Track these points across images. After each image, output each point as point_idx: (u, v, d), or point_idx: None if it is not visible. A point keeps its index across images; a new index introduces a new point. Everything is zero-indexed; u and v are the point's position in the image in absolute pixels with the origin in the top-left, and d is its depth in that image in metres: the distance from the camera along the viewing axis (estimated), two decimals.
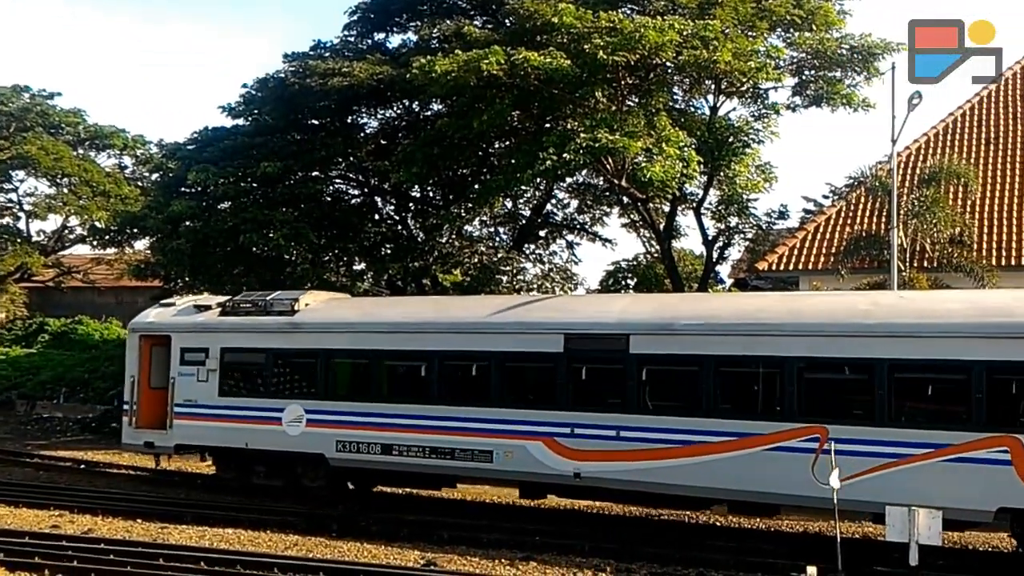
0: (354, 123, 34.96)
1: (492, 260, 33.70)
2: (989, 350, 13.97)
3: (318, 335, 19.66)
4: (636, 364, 16.39)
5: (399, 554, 15.57)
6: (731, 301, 18.55)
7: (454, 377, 18.31)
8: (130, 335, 22.12)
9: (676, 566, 14.70)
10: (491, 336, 17.82)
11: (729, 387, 16.06)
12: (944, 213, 23.60)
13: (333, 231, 33.04)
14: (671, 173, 25.59)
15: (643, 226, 35.64)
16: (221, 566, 14.09)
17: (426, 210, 35.14)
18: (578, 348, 17.03)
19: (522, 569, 14.60)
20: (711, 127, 29.15)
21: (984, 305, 15.23)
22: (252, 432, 19.86)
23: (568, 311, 18.37)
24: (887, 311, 15.37)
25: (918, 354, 14.49)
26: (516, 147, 28.37)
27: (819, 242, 26.92)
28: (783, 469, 14.80)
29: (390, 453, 18.36)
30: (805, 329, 15.43)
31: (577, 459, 16.65)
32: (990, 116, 28.73)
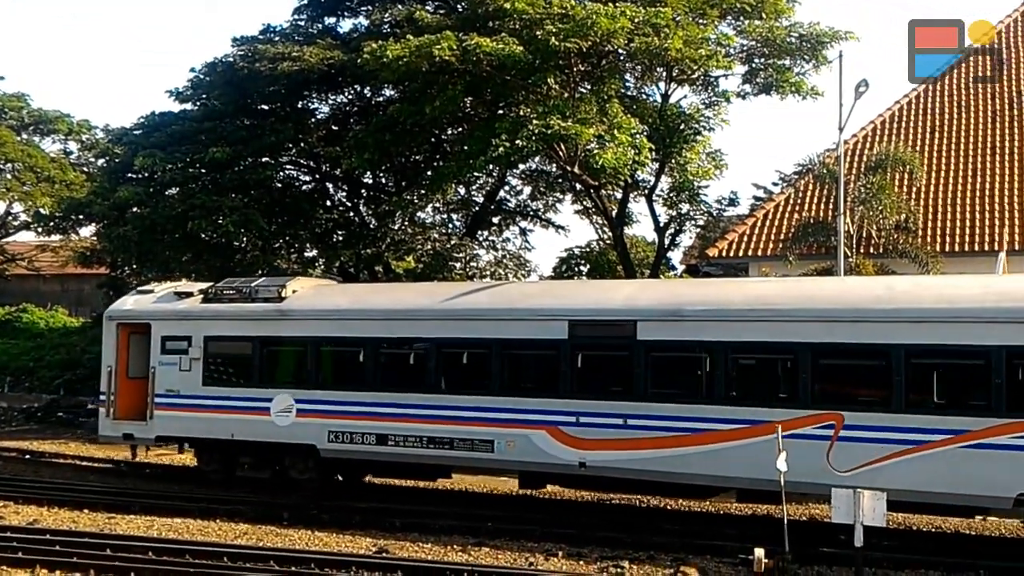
0: (305, 108, 34.61)
1: (445, 247, 33.63)
2: (1009, 335, 13.75)
3: (308, 322, 19.03)
4: (644, 351, 16.04)
5: (351, 541, 15.52)
6: (741, 287, 18.04)
7: (453, 365, 17.80)
8: (107, 323, 21.28)
9: (627, 550, 14.82)
10: (492, 323, 17.33)
11: (741, 374, 15.76)
12: (890, 200, 23.95)
13: (284, 217, 32.72)
14: (623, 160, 25.71)
15: (596, 213, 35.77)
16: (169, 555, 13.94)
17: (378, 196, 34.95)
18: (583, 335, 16.61)
19: (474, 555, 14.63)
20: (663, 114, 29.32)
21: (1001, 289, 14.86)
22: (238, 423, 19.21)
23: (572, 297, 17.94)
24: (903, 296, 15.12)
25: (936, 339, 14.24)
26: (469, 133, 28.34)
27: (768, 229, 27.20)
28: (797, 456, 14.32)
29: (385, 443, 17.82)
30: (819, 315, 15.11)
31: (582, 448, 16.27)
32: (935, 104, 29.17)
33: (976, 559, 13.97)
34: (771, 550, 13.38)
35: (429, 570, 13.24)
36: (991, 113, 28.13)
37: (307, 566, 13.39)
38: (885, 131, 28.84)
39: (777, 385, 15.55)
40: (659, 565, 14.01)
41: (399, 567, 13.35)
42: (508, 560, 14.28)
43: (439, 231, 36.89)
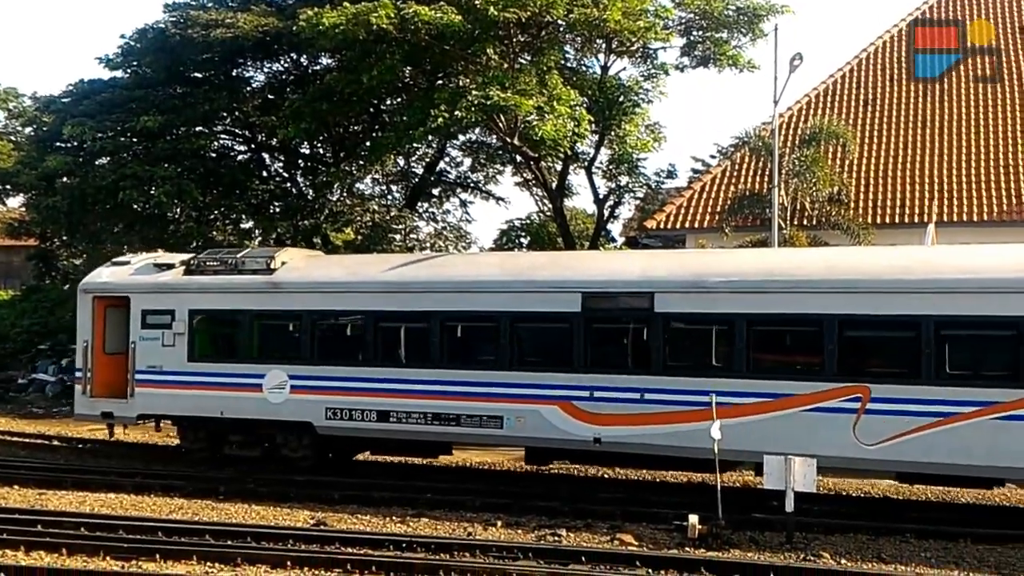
0: (239, 76, 34.04)
1: (384, 219, 33.40)
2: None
3: (302, 295, 18.24)
4: (662, 323, 15.65)
5: (288, 515, 15.43)
6: (763, 257, 17.57)
7: (459, 339, 17.22)
8: (81, 296, 20.24)
9: (564, 518, 14.98)
10: (500, 295, 16.77)
11: (764, 346, 15.38)
12: (823, 172, 24.37)
13: (219, 188, 32.23)
14: (563, 132, 25.74)
15: (536, 185, 35.83)
16: (103, 531, 13.71)
17: (316, 167, 34.55)
18: (597, 307, 16.14)
19: (413, 526, 14.66)
20: (602, 86, 29.40)
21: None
22: (228, 400, 18.40)
23: (585, 268, 17.21)
24: (931, 266, 14.86)
25: (965, 310, 13.99)
26: (407, 104, 28.14)
27: (705, 201, 27.52)
28: (823, 430, 14.32)
29: (387, 420, 17.24)
30: (846, 285, 14.75)
31: (597, 423, 15.86)
32: (868, 78, 29.71)
33: (903, 522, 14.38)
34: (705, 516, 13.62)
35: (367, 541, 13.21)
36: (921, 87, 28.70)
37: (243, 540, 13.27)
38: (819, 104, 29.30)
39: (801, 358, 15.31)
40: (596, 532, 14.16)
41: (337, 539, 13.31)
42: (447, 530, 14.33)
43: (378, 203, 36.60)
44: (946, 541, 13.52)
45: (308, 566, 12.14)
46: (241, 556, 12.44)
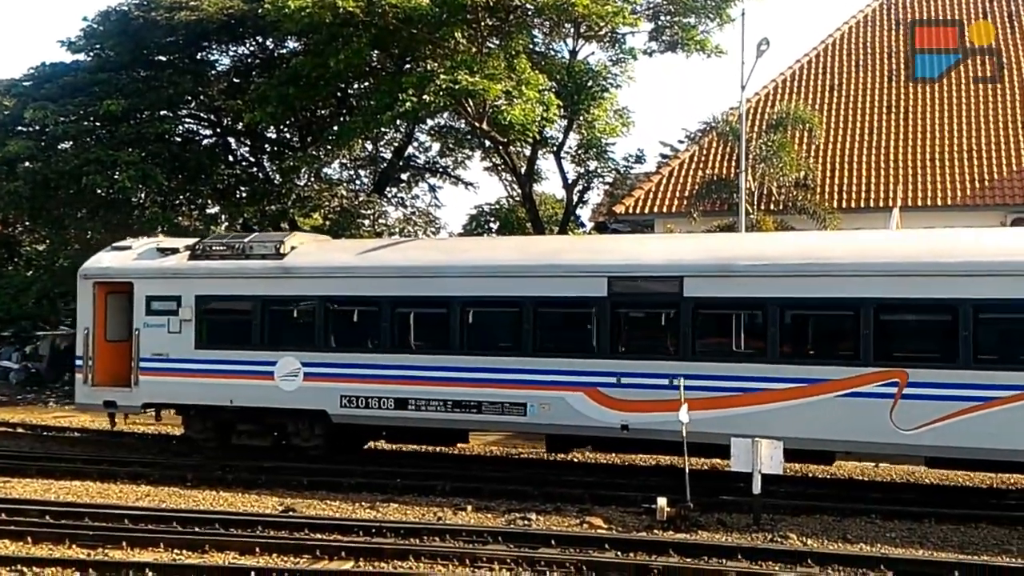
0: (204, 60, 33.69)
1: (353, 204, 33.24)
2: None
3: (315, 280, 17.72)
4: (691, 308, 15.34)
5: (257, 501, 15.37)
6: (796, 240, 17.15)
7: (480, 325, 16.84)
8: (81, 282, 19.52)
9: (534, 502, 15.03)
10: (523, 280, 16.40)
11: (797, 331, 15.19)
12: (790, 157, 24.53)
13: (184, 173, 31.90)
14: (531, 116, 25.71)
15: (504, 170, 35.78)
16: (68, 519, 13.58)
17: (282, 152, 34.27)
18: (624, 292, 15.80)
19: (383, 511, 14.63)
20: (570, 71, 29.34)
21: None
22: (237, 388, 17.87)
23: (611, 252, 16.82)
24: (968, 250, 14.53)
25: (1004, 293, 13.77)
26: (375, 88, 27.95)
27: (674, 186, 27.59)
28: (858, 416, 14.15)
29: (405, 408, 16.81)
30: (882, 269, 14.50)
31: (624, 410, 15.54)
32: (834, 64, 29.88)
33: (868, 503, 14.55)
34: (674, 499, 13.72)
35: (336, 527, 13.18)
36: (887, 73, 28.94)
37: (211, 526, 13.20)
38: (786, 90, 29.43)
39: (836, 342, 15.05)
40: (565, 515, 14.22)
41: (305, 525, 13.27)
42: (416, 515, 14.33)
43: (346, 188, 36.41)
44: (911, 521, 13.70)
45: (276, 552, 12.10)
46: (209, 543, 12.37)
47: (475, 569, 11.43)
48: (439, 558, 11.78)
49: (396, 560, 11.75)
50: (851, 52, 30.07)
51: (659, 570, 11.16)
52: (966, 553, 12.22)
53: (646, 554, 11.94)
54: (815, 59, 30.25)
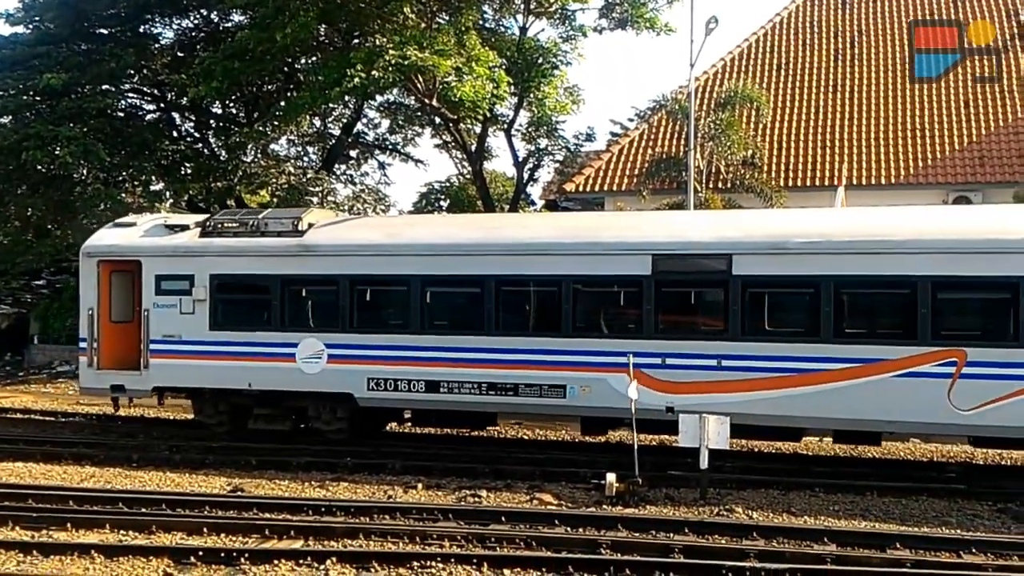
0: (147, 33, 33.00)
1: (301, 180, 32.86)
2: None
3: (339, 259, 17.02)
4: (740, 286, 14.89)
5: (205, 481, 15.23)
6: (849, 216, 16.56)
7: (516, 304, 16.37)
8: (84, 260, 18.63)
9: (486, 479, 15.08)
10: (562, 258, 15.84)
11: (851, 310, 14.78)
12: (737, 136, 24.75)
13: (127, 149, 31.21)
14: (481, 93, 25.58)
15: (455, 147, 35.63)
16: (11, 500, 13.33)
17: (229, 127, 33.72)
18: (669, 269, 15.32)
19: (332, 490, 14.58)
20: (521, 48, 29.24)
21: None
22: (256, 370, 17.23)
23: (655, 229, 16.24)
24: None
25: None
26: (323, 63, 27.54)
27: (623, 164, 27.71)
28: (916, 396, 13.92)
29: (437, 391, 16.26)
30: (941, 246, 14.14)
31: (670, 392, 15.09)
32: (781, 43, 30.17)
33: (813, 477, 14.83)
34: (622, 474, 13.86)
35: (285, 506, 13.12)
36: (833, 52, 29.28)
37: (158, 507, 13.06)
38: (734, 68, 29.67)
39: (893, 321, 14.72)
40: (516, 492, 14.28)
41: (254, 505, 13.19)
42: (367, 494, 14.30)
43: (294, 164, 35.97)
44: (853, 494, 13.98)
45: (225, 532, 12.00)
46: (156, 524, 12.25)
47: (426, 546, 11.45)
48: (389, 536, 11.78)
49: (346, 538, 11.73)
50: (798, 31, 30.39)
51: (608, 545, 11.27)
52: (907, 525, 12.51)
53: (595, 529, 12.06)
54: (762, 38, 30.52)
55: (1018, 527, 12.50)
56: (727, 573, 10.32)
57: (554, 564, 10.67)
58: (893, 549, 11.25)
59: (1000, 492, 13.97)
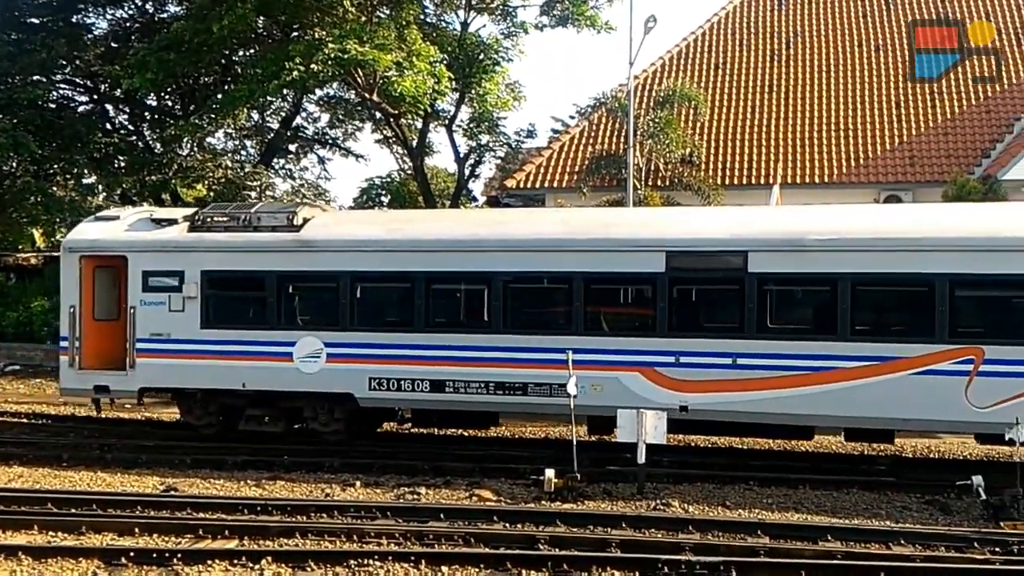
0: (80, 23, 32.30)
1: (238, 175, 32.41)
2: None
3: (338, 255, 16.46)
4: (756, 284, 14.71)
5: (137, 481, 14.95)
6: (866, 214, 16.31)
7: (525, 302, 16.06)
8: (66, 255, 17.76)
9: (425, 476, 15.03)
10: (572, 255, 15.50)
11: (869, 308, 14.66)
12: (676, 134, 24.99)
13: (58, 141, 30.55)
14: (422, 88, 25.52)
15: (396, 142, 35.47)
16: None
17: (164, 120, 33.17)
18: (684, 267, 15.08)
19: (269, 488, 14.40)
20: (462, 43, 29.20)
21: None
22: (251, 370, 16.60)
23: (669, 225, 16.00)
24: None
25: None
26: (261, 56, 27.22)
27: (564, 161, 27.84)
28: (932, 393, 13.84)
29: (442, 390, 15.79)
30: (959, 244, 14.04)
31: (684, 391, 14.86)
32: (719, 43, 30.55)
33: (748, 471, 15.06)
34: (561, 470, 13.90)
35: (219, 505, 12.93)
36: (769, 53, 29.72)
37: (88, 507, 12.79)
38: (673, 67, 29.98)
39: (910, 319, 14.61)
40: (455, 488, 14.26)
41: (188, 504, 12.98)
42: (304, 492, 14.16)
43: (231, 158, 35.49)
44: (787, 488, 14.19)
45: (157, 532, 11.80)
46: (86, 524, 11.98)
47: (363, 544, 11.38)
48: (326, 534, 11.67)
49: (282, 537, 11.60)
50: (735, 32, 30.80)
51: (546, 540, 11.29)
52: (838, 517, 12.75)
53: (533, 525, 12.06)
54: (700, 38, 30.88)
55: (945, 518, 12.81)
56: (663, 567, 10.41)
57: (492, 560, 10.68)
58: (824, 541, 11.46)
59: (928, 484, 14.29)
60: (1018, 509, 12.79)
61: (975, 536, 11.58)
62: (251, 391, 16.86)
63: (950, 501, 13.53)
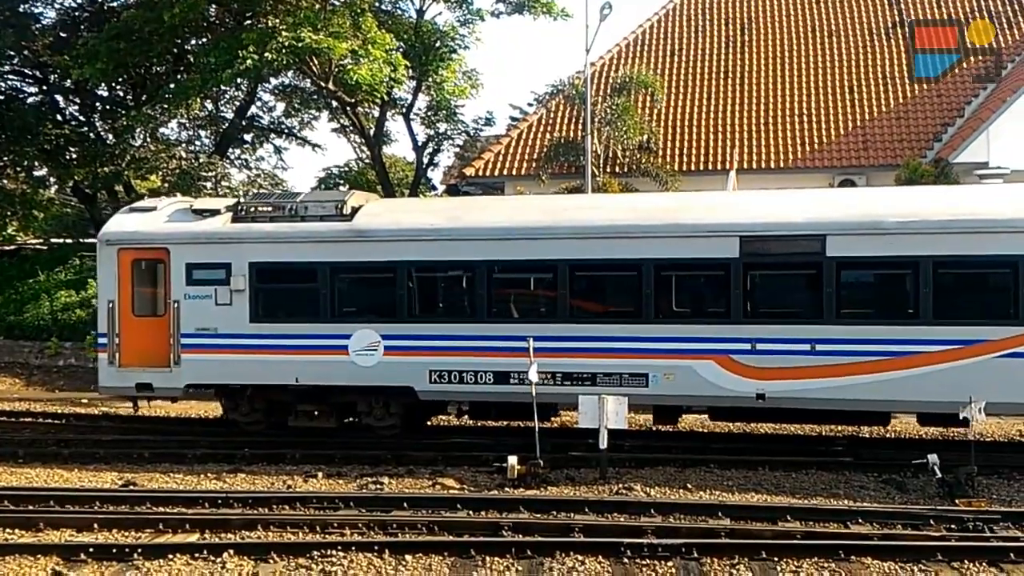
0: (27, 12, 31.60)
1: (193, 165, 31.96)
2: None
3: (394, 244, 16.02)
4: (835, 268, 14.48)
5: (95, 476, 14.79)
6: (944, 195, 15.99)
7: (592, 290, 15.89)
8: (103, 248, 17.23)
9: (388, 466, 15.00)
10: (642, 240, 15.16)
11: (951, 291, 14.39)
12: (633, 121, 25.07)
13: (7, 133, 29.94)
14: (379, 77, 25.35)
15: (353, 131, 35.21)
16: None
17: (115, 111, 32.63)
18: (759, 251, 14.83)
19: (230, 481, 14.31)
20: (418, 31, 29.04)
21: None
22: (304, 364, 16.22)
23: (742, 209, 15.62)
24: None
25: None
26: (213, 44, 26.82)
27: (523, 148, 27.83)
28: (1017, 376, 13.64)
29: (507, 382, 15.42)
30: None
31: (761, 378, 14.67)
32: (675, 29, 30.68)
33: (707, 454, 15.20)
34: (524, 457, 13.95)
35: (179, 499, 12.81)
36: (724, 39, 29.90)
37: (46, 504, 12.62)
38: (630, 54, 30.05)
39: (993, 301, 14.40)
40: (418, 477, 14.27)
41: (147, 498, 12.85)
42: (265, 484, 14.08)
43: (185, 148, 35.00)
44: (747, 469, 14.36)
45: (116, 527, 11.70)
46: (43, 521, 11.86)
47: (326, 535, 11.34)
48: (288, 526, 11.63)
49: (243, 530, 11.54)
50: (691, 18, 30.95)
51: (509, 527, 11.34)
52: (796, 497, 12.94)
53: (497, 512, 12.11)
54: (656, 24, 31.01)
55: (902, 497, 13.06)
56: (625, 550, 10.51)
57: (456, 548, 10.70)
58: (784, 521, 11.63)
59: (884, 464, 14.53)
60: (972, 486, 13.11)
61: (931, 514, 11.84)
62: (304, 386, 16.52)
63: (907, 480, 13.78)
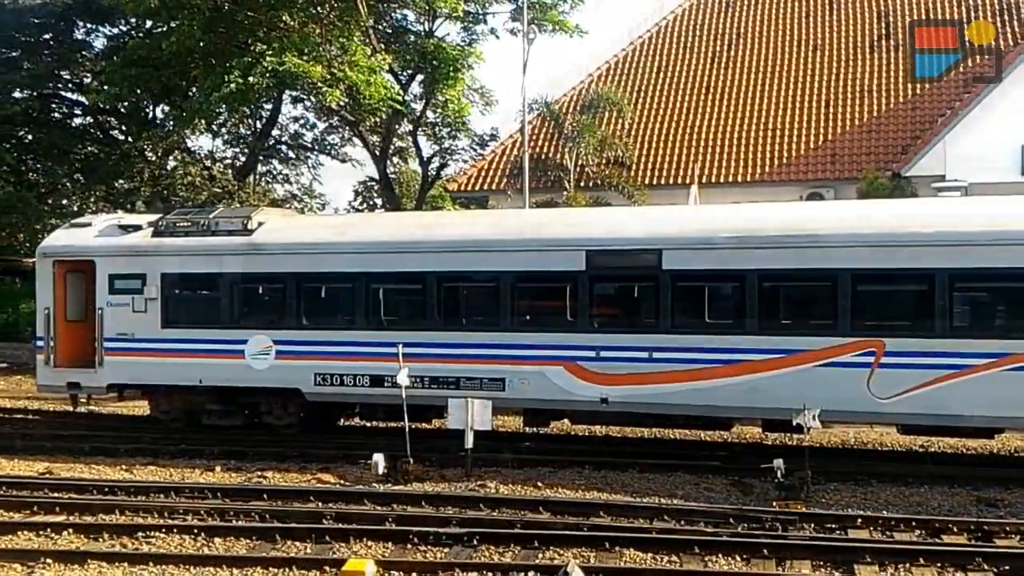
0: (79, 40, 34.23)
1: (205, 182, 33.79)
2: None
3: (286, 257, 17.37)
4: (670, 281, 15.29)
5: (28, 466, 16.16)
6: (775, 212, 16.76)
7: (457, 300, 16.79)
8: (40, 260, 19.02)
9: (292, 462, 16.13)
10: (500, 254, 16.19)
11: (775, 302, 15.08)
12: (594, 138, 25.74)
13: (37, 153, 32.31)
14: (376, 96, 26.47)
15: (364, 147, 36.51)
16: None
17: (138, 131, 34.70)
18: (603, 265, 15.68)
19: (137, 473, 15.60)
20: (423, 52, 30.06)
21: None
22: (207, 367, 17.57)
23: (588, 225, 16.59)
24: (945, 220, 14.60)
25: (980, 263, 13.97)
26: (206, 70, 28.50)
27: (504, 164, 28.78)
28: (836, 385, 14.33)
29: (381, 385, 16.45)
30: (861, 239, 14.53)
31: (604, 384, 15.51)
32: (666, 46, 31.11)
33: (576, 456, 15.93)
34: (393, 455, 14.94)
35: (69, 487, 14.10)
36: (711, 55, 30.22)
37: None
38: (618, 71, 30.68)
39: (815, 313, 15.06)
40: (304, 472, 15.43)
41: (45, 485, 14.19)
42: (164, 476, 15.40)
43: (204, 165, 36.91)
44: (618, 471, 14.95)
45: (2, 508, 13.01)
46: None
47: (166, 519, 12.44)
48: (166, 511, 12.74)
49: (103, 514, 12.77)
50: (682, 34, 31.34)
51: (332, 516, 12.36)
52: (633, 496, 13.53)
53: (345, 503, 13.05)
54: (648, 41, 31.47)
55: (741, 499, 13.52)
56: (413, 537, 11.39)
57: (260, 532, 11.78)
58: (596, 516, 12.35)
59: (743, 468, 14.91)
60: (806, 490, 13.56)
61: (732, 512, 12.37)
62: (208, 387, 17.86)
63: (755, 483, 14.20)
